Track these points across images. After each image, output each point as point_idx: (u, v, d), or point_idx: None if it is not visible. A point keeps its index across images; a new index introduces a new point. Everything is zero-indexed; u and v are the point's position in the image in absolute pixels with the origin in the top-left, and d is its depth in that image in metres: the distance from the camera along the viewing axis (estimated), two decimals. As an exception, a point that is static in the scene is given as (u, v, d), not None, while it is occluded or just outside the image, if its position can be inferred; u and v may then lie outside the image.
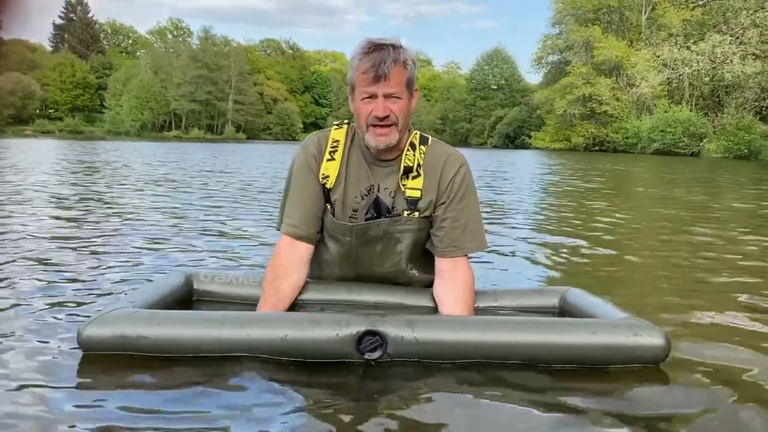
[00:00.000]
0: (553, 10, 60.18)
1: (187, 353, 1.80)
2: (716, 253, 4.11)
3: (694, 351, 2.03)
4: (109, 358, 1.79)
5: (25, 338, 1.99)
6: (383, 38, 2.00)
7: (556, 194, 9.38)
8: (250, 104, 77.96)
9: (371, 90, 1.96)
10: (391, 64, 1.93)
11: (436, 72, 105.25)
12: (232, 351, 1.79)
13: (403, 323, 1.80)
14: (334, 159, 2.10)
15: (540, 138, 57.50)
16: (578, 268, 3.56)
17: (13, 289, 2.59)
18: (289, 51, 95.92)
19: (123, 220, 4.89)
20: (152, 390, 1.63)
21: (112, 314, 1.83)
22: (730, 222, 6.04)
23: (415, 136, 2.13)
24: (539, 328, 1.82)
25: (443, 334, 1.80)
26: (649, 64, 45.36)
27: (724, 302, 2.75)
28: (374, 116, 1.97)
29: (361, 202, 2.10)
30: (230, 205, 6.28)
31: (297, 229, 2.10)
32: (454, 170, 2.10)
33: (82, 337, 1.79)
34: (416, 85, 2.06)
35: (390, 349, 1.78)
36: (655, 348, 1.79)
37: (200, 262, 3.35)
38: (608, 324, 1.84)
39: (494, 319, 1.96)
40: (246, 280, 2.33)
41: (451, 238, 2.09)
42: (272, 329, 1.80)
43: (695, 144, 40.52)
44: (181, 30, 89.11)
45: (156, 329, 1.79)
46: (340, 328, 1.78)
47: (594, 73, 51.75)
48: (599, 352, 1.79)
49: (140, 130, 69.92)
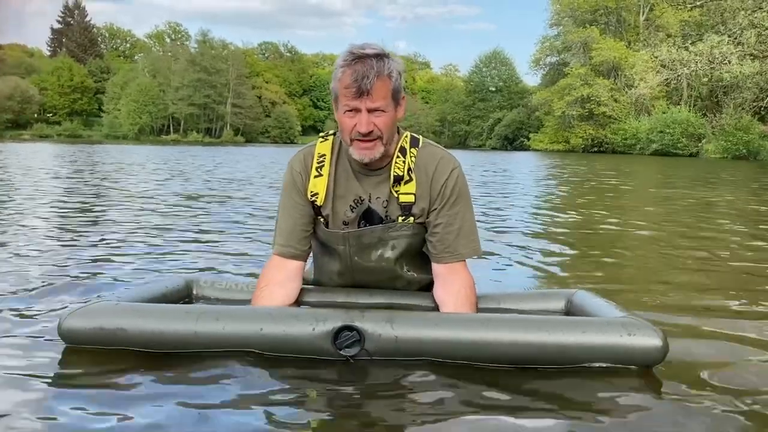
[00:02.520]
0: (550, 11, 60.20)
1: (164, 348, 1.76)
2: (720, 253, 4.04)
3: (692, 352, 1.94)
4: (90, 352, 1.78)
5: (11, 335, 2.00)
6: (368, 45, 1.92)
7: (556, 196, 9.32)
8: (248, 107, 77.92)
9: (354, 104, 1.89)
10: (374, 79, 1.85)
11: (435, 74, 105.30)
12: (207, 345, 1.74)
13: (382, 319, 1.71)
14: (322, 174, 2.06)
15: (539, 140, 57.42)
16: (582, 269, 3.48)
17: (7, 290, 2.59)
18: (287, 54, 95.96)
19: (126, 224, 4.82)
20: (125, 386, 1.59)
21: (92, 306, 1.82)
22: (732, 222, 5.97)
23: (405, 140, 2.06)
24: (527, 326, 1.71)
25: (424, 331, 1.71)
26: (648, 65, 45.32)
27: (727, 303, 2.68)
28: (357, 131, 1.91)
29: (351, 214, 2.06)
30: (239, 212, 6.20)
31: (285, 248, 2.08)
32: (446, 174, 2.03)
33: (62, 329, 1.79)
34: (404, 93, 1.99)
35: (368, 345, 1.69)
36: (650, 349, 1.68)
37: (202, 268, 3.24)
38: (601, 322, 1.74)
39: (479, 316, 1.85)
40: (246, 286, 2.30)
41: (445, 244, 2.03)
42: (248, 323, 1.75)
43: (694, 145, 40.46)
44: (179, 33, 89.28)
45: (133, 322, 1.75)
46: (316, 322, 1.71)
47: (592, 74, 51.67)
48: (591, 352, 1.68)
49: (138, 134, 69.89)
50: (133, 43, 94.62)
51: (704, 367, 1.81)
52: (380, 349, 1.70)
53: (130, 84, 72.17)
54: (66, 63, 75.23)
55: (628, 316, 1.79)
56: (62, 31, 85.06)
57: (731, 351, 1.98)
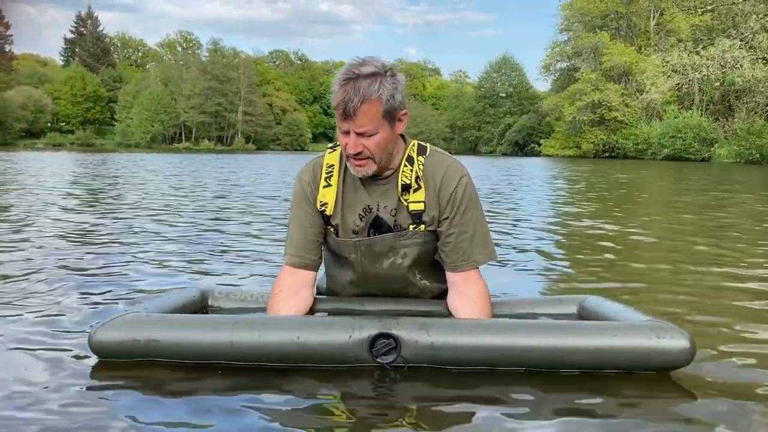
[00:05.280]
0: (560, 16, 60.16)
1: (199, 359, 1.77)
2: (735, 258, 4.03)
3: (715, 358, 1.96)
4: (121, 364, 1.78)
5: (37, 346, 2.00)
6: (369, 61, 1.90)
7: (568, 202, 9.30)
8: (259, 115, 78.21)
9: (342, 126, 1.92)
10: (358, 103, 1.84)
11: (445, 80, 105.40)
12: (244, 355, 1.75)
13: (418, 326, 1.75)
14: (331, 185, 2.07)
15: (550, 145, 57.25)
16: (595, 276, 3.47)
17: (29, 298, 2.62)
18: (297, 62, 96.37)
19: (138, 234, 4.85)
20: (161, 398, 1.60)
21: (123, 318, 1.82)
22: (748, 227, 5.94)
23: (412, 148, 2.07)
24: (559, 331, 1.75)
25: (459, 337, 1.74)
26: (659, 70, 45.20)
27: (745, 307, 2.68)
28: (347, 151, 1.95)
29: (360, 223, 2.08)
30: (252, 220, 6.24)
31: (296, 258, 2.08)
32: (454, 183, 2.04)
33: (93, 341, 1.79)
34: (404, 109, 1.96)
35: (404, 352, 1.72)
36: (679, 351, 1.70)
37: (217, 277, 3.25)
38: (629, 326, 1.77)
39: (512, 322, 1.88)
40: (261, 296, 2.30)
41: (459, 253, 2.04)
42: (284, 332, 1.76)
43: (706, 149, 40.24)
44: (190, 42, 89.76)
45: (166, 333, 1.76)
46: (352, 330, 1.74)
47: (603, 79, 51.48)
48: (621, 355, 1.71)
49: (150, 142, 70.24)
50: (145, 52, 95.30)
51: (728, 374, 1.83)
52: (417, 356, 1.73)
53: (142, 93, 72.64)
54: (79, 72, 75.88)
55: (653, 320, 1.82)
56: (75, 40, 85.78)
57: (755, 359, 2.00)
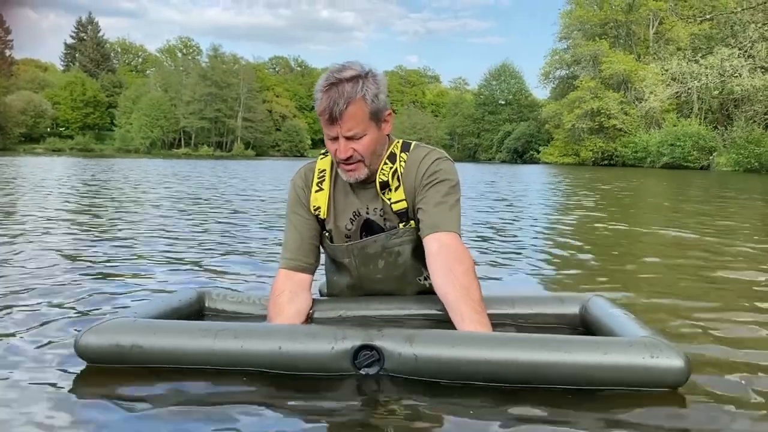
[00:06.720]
0: (560, 24, 60.32)
1: (182, 364, 1.75)
2: (736, 264, 4.00)
3: (713, 371, 1.91)
4: (107, 369, 1.77)
5: (28, 352, 2.00)
6: (348, 66, 1.90)
7: (570, 207, 9.28)
8: (259, 121, 78.45)
9: (330, 132, 1.91)
10: (344, 106, 1.84)
11: (444, 88, 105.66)
12: (226, 363, 1.74)
13: (401, 338, 1.70)
14: (323, 189, 2.09)
15: (548, 153, 57.34)
16: (596, 277, 3.46)
17: (22, 304, 2.62)
18: (297, 68, 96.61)
19: (138, 237, 4.83)
20: (143, 404, 1.58)
21: (108, 323, 1.81)
22: (749, 233, 5.93)
23: (396, 146, 2.06)
24: (549, 346, 1.68)
25: (443, 350, 1.68)
26: (658, 78, 45.25)
27: (746, 307, 2.65)
28: (338, 157, 1.93)
29: (352, 227, 2.08)
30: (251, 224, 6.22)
31: (292, 261, 2.08)
32: (429, 163, 2.01)
33: (79, 345, 1.78)
34: (389, 109, 1.97)
35: (387, 364, 1.68)
36: (673, 371, 1.64)
37: (215, 281, 3.25)
38: (622, 343, 1.70)
39: (499, 335, 1.81)
40: (258, 299, 2.28)
41: (428, 220, 1.96)
42: (267, 341, 1.74)
43: (705, 157, 40.24)
44: (190, 48, 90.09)
45: (150, 339, 1.75)
46: (335, 341, 1.70)
47: (602, 87, 51.63)
48: (612, 373, 1.64)
49: (150, 148, 70.42)
50: (145, 57, 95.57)
51: (726, 389, 1.78)
52: (400, 368, 1.69)
53: (141, 98, 72.83)
54: (79, 77, 76.10)
55: (649, 336, 1.75)
56: (75, 46, 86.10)
57: (748, 359, 1.96)
